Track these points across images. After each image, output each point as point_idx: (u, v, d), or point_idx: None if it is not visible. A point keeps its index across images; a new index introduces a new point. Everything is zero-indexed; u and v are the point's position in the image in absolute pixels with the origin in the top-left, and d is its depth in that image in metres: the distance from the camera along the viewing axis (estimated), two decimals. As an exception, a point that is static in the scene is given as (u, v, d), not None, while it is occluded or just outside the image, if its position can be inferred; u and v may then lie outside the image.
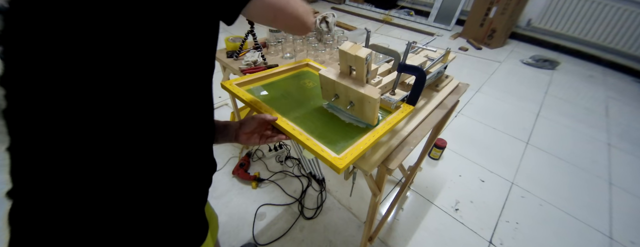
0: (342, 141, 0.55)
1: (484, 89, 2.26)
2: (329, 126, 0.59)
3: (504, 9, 2.80)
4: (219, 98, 1.88)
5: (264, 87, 0.72)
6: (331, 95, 0.61)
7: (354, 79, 0.55)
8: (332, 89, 0.59)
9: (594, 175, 1.54)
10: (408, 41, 0.61)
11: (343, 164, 0.47)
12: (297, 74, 0.81)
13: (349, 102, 0.58)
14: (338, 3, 4.18)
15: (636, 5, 2.50)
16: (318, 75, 0.77)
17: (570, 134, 1.85)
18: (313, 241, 1.14)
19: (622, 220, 1.30)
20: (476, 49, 2.98)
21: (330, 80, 0.57)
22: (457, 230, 1.22)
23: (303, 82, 0.77)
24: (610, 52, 2.80)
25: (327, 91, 0.62)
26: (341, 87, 0.56)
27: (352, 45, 0.51)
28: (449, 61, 0.84)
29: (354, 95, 0.55)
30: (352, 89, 0.54)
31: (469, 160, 1.57)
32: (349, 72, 0.56)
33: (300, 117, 0.62)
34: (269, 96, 0.69)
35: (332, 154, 0.49)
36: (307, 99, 0.69)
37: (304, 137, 0.53)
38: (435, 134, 1.11)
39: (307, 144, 0.51)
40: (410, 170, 1.28)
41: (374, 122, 0.59)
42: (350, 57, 0.51)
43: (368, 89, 0.53)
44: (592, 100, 2.25)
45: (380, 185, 0.71)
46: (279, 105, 0.65)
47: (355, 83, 0.54)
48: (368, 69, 0.53)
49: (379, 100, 0.52)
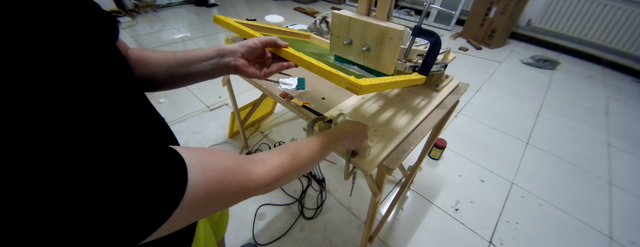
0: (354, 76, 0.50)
1: (484, 89, 2.26)
2: (336, 68, 0.53)
3: (504, 9, 2.80)
4: (218, 98, 1.88)
5: (262, 34, 0.66)
6: (343, 39, 0.54)
7: (373, 18, 0.51)
8: (346, 30, 0.53)
9: (594, 175, 1.54)
10: (427, 1, 0.54)
11: (364, 84, 0.38)
12: (300, 40, 0.77)
13: (364, 45, 0.52)
14: (338, 3, 4.18)
15: (636, 5, 2.50)
16: (319, 45, 0.74)
17: (570, 134, 1.85)
18: (313, 241, 1.14)
19: (622, 220, 1.30)
20: (476, 49, 2.98)
21: (345, 18, 0.51)
22: (457, 230, 1.22)
23: (305, 44, 0.72)
24: (610, 52, 2.80)
25: (338, 38, 0.56)
26: (358, 25, 0.50)
27: None
28: (449, 61, 0.84)
29: (373, 34, 0.50)
30: (372, 25, 0.49)
31: (469, 160, 1.57)
32: (367, 12, 0.51)
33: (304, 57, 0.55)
34: None
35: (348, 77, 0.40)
36: (309, 55, 0.64)
37: (312, 60, 0.43)
38: (435, 134, 1.11)
39: (317, 65, 0.42)
40: (410, 170, 1.28)
41: (390, 70, 0.53)
42: None
43: (390, 24, 0.48)
44: (592, 101, 2.25)
45: (380, 185, 0.71)
46: None
47: (376, 20, 0.50)
48: (391, 3, 0.48)
49: (401, 36, 0.47)
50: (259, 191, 0.32)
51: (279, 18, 1.13)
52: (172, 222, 0.23)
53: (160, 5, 3.37)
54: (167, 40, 2.62)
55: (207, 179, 0.25)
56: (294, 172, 0.37)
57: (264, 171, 0.33)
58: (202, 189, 0.25)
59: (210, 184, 0.25)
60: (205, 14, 3.33)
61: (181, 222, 0.24)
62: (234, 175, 0.29)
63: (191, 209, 0.24)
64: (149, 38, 2.63)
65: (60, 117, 0.18)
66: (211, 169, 0.26)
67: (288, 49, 0.46)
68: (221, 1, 3.78)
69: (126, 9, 3.02)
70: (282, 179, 0.35)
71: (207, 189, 0.25)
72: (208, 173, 0.26)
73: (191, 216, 0.25)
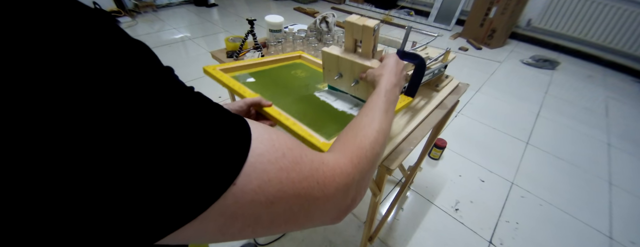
0: (333, 125, 0.53)
1: (484, 89, 2.26)
2: (320, 113, 0.57)
3: (504, 9, 2.80)
4: (219, 98, 1.88)
5: (251, 74, 0.68)
6: (334, 74, 0.58)
7: (359, 54, 0.54)
8: (336, 66, 0.57)
9: (594, 175, 1.54)
10: (407, 26, 0.57)
11: None
12: (289, 65, 0.77)
13: (353, 80, 0.55)
14: (338, 3, 4.18)
15: (636, 5, 2.50)
16: (310, 66, 0.76)
17: (570, 134, 1.85)
18: (313, 241, 1.14)
19: (622, 220, 1.30)
20: (476, 49, 2.98)
21: (333, 56, 0.55)
22: (457, 230, 1.22)
23: (294, 72, 0.73)
24: (610, 52, 2.80)
25: (329, 71, 0.59)
26: (346, 62, 0.54)
27: (359, 17, 0.49)
28: (449, 61, 0.84)
29: (359, 71, 0.53)
30: (358, 64, 0.52)
31: (469, 160, 1.57)
32: (354, 48, 0.54)
33: (290, 104, 0.58)
34: (256, 83, 0.64)
35: (320, 139, 0.46)
36: (297, 88, 0.65)
37: (290, 122, 0.48)
38: (435, 134, 1.11)
39: (294, 128, 0.47)
40: (410, 170, 1.28)
41: None
42: (357, 29, 0.49)
43: (375, 62, 0.51)
44: (592, 101, 2.25)
45: (380, 185, 0.71)
46: (266, 93, 0.60)
47: (361, 57, 0.53)
48: (375, 41, 0.50)
49: None
50: (336, 182, 0.24)
51: (279, 18, 1.13)
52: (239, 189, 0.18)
53: (160, 5, 3.37)
54: (167, 41, 2.62)
55: (271, 147, 0.21)
56: (373, 158, 0.30)
57: (335, 157, 0.26)
58: (266, 157, 0.20)
59: (274, 153, 0.21)
60: (205, 14, 3.33)
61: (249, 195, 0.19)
62: (303, 150, 0.23)
63: (258, 182, 0.19)
64: (149, 38, 2.63)
65: None
66: (276, 138, 0.22)
67: (270, 107, 0.51)
68: (221, 1, 3.78)
69: (126, 9, 3.02)
70: (360, 165, 0.28)
71: (274, 155, 0.20)
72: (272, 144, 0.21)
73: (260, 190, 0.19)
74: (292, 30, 1.13)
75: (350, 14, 0.61)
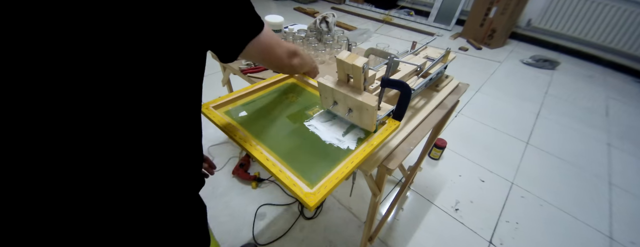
0: (320, 162, 0.54)
1: (484, 89, 2.26)
2: (307, 151, 0.57)
3: (504, 9, 2.80)
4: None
5: (243, 106, 0.69)
6: (330, 102, 0.62)
7: (351, 87, 0.56)
8: (331, 96, 0.60)
9: (594, 175, 1.54)
10: (390, 56, 0.60)
11: (314, 201, 0.45)
12: (282, 88, 0.77)
13: (348, 109, 0.59)
14: (338, 3, 4.18)
15: (636, 5, 2.50)
16: (304, 88, 0.77)
17: (570, 134, 1.85)
18: (313, 241, 1.14)
19: (622, 220, 1.30)
20: (476, 49, 2.98)
21: (328, 88, 0.58)
22: (457, 230, 1.22)
23: (286, 97, 0.73)
24: (610, 52, 2.80)
25: (325, 98, 0.63)
26: (340, 94, 0.57)
27: (349, 54, 0.51)
28: (449, 61, 0.84)
29: (352, 103, 0.56)
30: (350, 97, 0.55)
31: (469, 160, 1.58)
32: (346, 80, 0.56)
33: (279, 142, 0.59)
34: (247, 117, 0.66)
35: (304, 188, 0.48)
36: (289, 119, 0.66)
37: (276, 170, 0.51)
38: (435, 134, 1.11)
39: (280, 177, 0.49)
40: (410, 170, 1.29)
41: (372, 128, 0.59)
42: (347, 66, 0.52)
43: (365, 97, 0.53)
44: (592, 101, 2.25)
45: (380, 185, 0.71)
46: (256, 127, 0.62)
47: (353, 91, 0.55)
48: (365, 77, 0.53)
49: (376, 108, 0.53)
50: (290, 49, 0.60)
51: (279, 18, 1.13)
52: None
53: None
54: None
55: None
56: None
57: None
58: None
59: None
60: (205, 14, 3.33)
61: None
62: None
63: None
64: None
65: None
66: None
67: (258, 152, 0.55)
68: (221, 1, 3.77)
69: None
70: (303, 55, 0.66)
71: None
72: None
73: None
74: (292, 30, 1.13)
75: (350, 14, 0.61)
